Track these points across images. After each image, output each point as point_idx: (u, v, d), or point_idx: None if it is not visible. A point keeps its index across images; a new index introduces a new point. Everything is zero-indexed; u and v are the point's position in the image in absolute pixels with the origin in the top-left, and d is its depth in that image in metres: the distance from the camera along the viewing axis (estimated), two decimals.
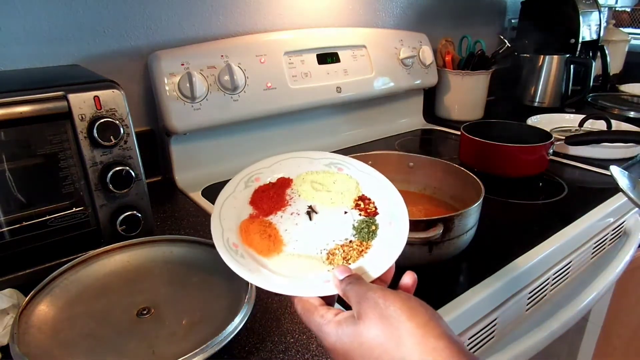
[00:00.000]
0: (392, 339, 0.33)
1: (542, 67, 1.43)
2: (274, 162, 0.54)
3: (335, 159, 0.54)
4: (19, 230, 0.54)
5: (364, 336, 0.34)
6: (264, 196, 0.51)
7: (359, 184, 0.52)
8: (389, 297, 0.35)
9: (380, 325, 0.33)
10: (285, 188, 0.52)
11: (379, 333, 0.33)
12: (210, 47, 0.87)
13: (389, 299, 0.34)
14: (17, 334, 0.43)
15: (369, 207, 0.49)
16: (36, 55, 0.76)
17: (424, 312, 0.34)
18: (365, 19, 1.18)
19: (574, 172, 0.98)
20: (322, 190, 0.51)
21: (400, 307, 0.34)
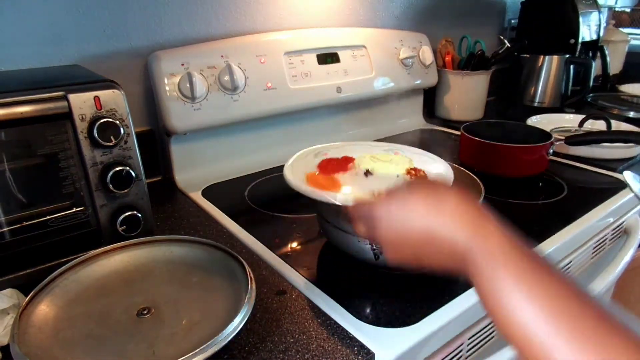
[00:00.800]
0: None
1: (542, 67, 1.43)
2: (340, 145, 0.67)
3: (392, 146, 0.67)
4: (19, 230, 0.54)
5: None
6: (329, 163, 0.61)
7: (413, 160, 0.62)
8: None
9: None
10: (348, 162, 0.61)
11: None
12: (210, 47, 0.87)
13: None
14: (17, 333, 0.43)
15: (419, 173, 0.59)
16: (36, 55, 0.76)
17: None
18: (365, 19, 1.18)
19: (574, 172, 0.98)
20: (379, 162, 0.61)
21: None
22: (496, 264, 0.34)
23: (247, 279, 0.49)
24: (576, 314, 0.30)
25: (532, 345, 0.31)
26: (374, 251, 0.58)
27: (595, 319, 0.30)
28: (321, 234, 0.70)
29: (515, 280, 0.32)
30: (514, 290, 0.32)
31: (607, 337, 0.29)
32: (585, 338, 0.29)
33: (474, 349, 0.62)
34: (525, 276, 0.33)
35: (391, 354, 0.48)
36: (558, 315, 0.30)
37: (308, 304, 0.55)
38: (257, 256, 0.65)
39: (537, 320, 0.31)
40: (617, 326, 0.29)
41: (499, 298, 0.33)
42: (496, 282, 0.33)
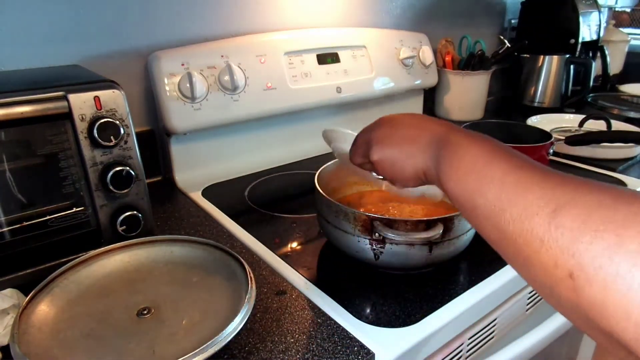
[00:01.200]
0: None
1: (542, 67, 1.43)
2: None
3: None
4: (19, 230, 0.54)
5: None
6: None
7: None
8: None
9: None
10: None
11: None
12: (210, 47, 0.87)
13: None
14: (17, 333, 0.43)
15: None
16: (36, 55, 0.76)
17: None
18: (365, 19, 1.18)
19: (574, 172, 0.97)
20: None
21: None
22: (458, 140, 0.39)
23: (247, 279, 0.49)
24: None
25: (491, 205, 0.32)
26: (374, 251, 0.58)
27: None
28: (321, 234, 0.71)
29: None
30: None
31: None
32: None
33: (474, 349, 0.62)
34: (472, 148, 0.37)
35: (391, 354, 0.48)
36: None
37: (308, 304, 0.55)
38: (257, 256, 0.65)
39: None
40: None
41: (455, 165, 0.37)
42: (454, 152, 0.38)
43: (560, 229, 0.26)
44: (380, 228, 0.54)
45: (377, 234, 0.55)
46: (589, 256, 0.24)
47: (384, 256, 0.57)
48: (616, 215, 0.24)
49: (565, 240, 0.26)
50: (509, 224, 0.30)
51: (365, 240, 0.57)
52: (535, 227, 0.28)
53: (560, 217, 0.26)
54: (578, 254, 0.25)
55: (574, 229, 0.25)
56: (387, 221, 0.55)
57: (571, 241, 0.25)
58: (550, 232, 0.27)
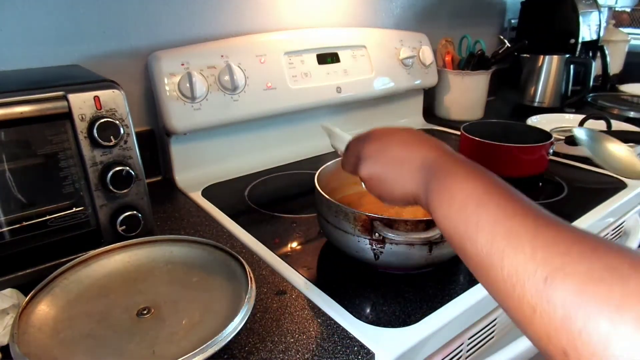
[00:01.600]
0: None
1: (542, 67, 1.43)
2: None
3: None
4: (19, 230, 0.54)
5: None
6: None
7: None
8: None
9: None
10: None
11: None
12: (210, 47, 0.87)
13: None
14: (17, 333, 0.43)
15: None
16: (36, 55, 0.76)
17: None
18: (365, 19, 1.18)
19: (574, 172, 0.98)
20: None
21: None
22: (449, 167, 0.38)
23: (247, 279, 0.49)
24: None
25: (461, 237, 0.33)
26: (373, 251, 0.58)
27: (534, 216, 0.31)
28: (321, 234, 0.71)
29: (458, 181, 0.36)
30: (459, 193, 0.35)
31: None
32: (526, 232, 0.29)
33: (474, 349, 0.62)
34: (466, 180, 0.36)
35: (391, 354, 0.48)
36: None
37: (308, 304, 0.55)
38: (257, 256, 0.65)
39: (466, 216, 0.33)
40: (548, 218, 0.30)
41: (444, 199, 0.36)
42: (443, 184, 0.37)
43: (552, 304, 0.25)
44: (380, 228, 0.54)
45: (377, 234, 0.55)
46: (582, 342, 0.23)
47: (384, 256, 0.57)
48: (611, 295, 0.23)
49: (557, 317, 0.25)
50: (500, 281, 0.29)
51: (365, 240, 0.57)
52: (527, 294, 0.27)
53: (553, 289, 0.25)
54: (571, 337, 0.24)
55: (566, 307, 0.24)
56: (387, 221, 0.55)
57: (563, 320, 0.24)
58: (543, 304, 0.25)
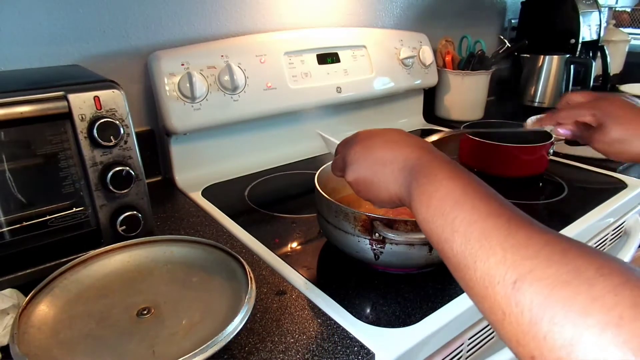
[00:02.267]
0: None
1: (542, 67, 1.43)
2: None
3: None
4: (19, 230, 0.54)
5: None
6: None
7: None
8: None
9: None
10: None
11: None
12: (210, 47, 0.87)
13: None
14: (17, 334, 0.43)
15: None
16: (36, 55, 0.76)
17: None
18: (365, 19, 1.18)
19: (574, 172, 0.98)
20: None
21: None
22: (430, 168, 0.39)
23: (247, 279, 0.49)
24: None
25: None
26: (373, 251, 0.58)
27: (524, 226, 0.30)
28: (321, 234, 0.71)
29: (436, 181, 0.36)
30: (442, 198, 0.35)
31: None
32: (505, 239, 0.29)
33: (474, 349, 0.62)
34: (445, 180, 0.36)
35: (391, 354, 0.48)
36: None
37: (308, 304, 0.55)
38: (257, 256, 0.65)
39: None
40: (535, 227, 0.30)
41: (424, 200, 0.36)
42: (423, 185, 0.37)
43: (520, 307, 0.25)
44: (380, 228, 0.54)
45: (377, 234, 0.55)
46: (547, 347, 0.24)
47: (384, 256, 0.57)
48: (576, 299, 0.23)
49: (525, 321, 0.25)
50: (474, 283, 0.29)
51: (365, 240, 0.57)
52: (497, 296, 0.27)
53: (521, 293, 0.26)
54: (537, 341, 0.24)
55: (532, 311, 0.25)
56: (387, 221, 0.55)
57: (530, 324, 0.25)
58: (512, 307, 0.26)
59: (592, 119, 0.57)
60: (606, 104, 0.56)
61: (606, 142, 0.56)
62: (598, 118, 0.56)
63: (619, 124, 0.55)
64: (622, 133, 0.54)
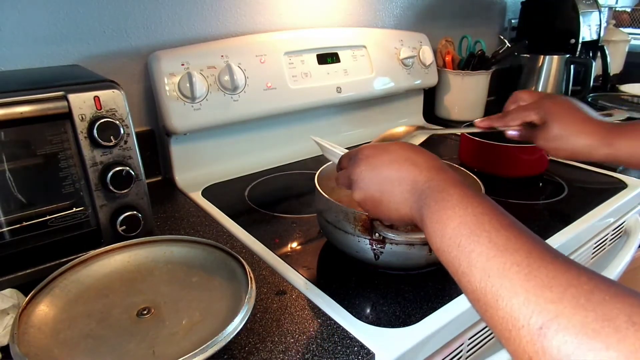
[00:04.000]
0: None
1: (542, 67, 1.43)
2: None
3: None
4: (19, 230, 0.54)
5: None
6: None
7: None
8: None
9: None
10: None
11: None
12: (210, 47, 0.87)
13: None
14: (17, 334, 0.43)
15: None
16: (36, 55, 0.76)
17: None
18: (365, 19, 1.18)
19: (574, 172, 0.98)
20: None
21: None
22: (442, 193, 0.38)
23: (247, 279, 0.49)
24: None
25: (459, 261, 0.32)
26: (374, 251, 0.58)
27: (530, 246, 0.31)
28: (321, 234, 0.70)
29: (452, 207, 0.36)
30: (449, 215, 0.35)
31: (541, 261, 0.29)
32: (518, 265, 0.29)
33: (474, 349, 0.62)
34: (461, 203, 0.35)
35: (391, 354, 0.48)
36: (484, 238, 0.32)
37: (308, 304, 0.55)
38: (257, 256, 0.65)
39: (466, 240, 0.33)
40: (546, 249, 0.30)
41: (439, 225, 0.36)
42: (437, 210, 0.37)
43: (547, 355, 0.25)
44: (380, 228, 0.54)
45: (377, 234, 0.55)
46: None
47: (384, 256, 0.57)
48: (608, 350, 0.23)
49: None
50: (497, 322, 0.28)
51: (365, 240, 0.57)
52: (523, 340, 0.26)
53: (547, 340, 0.25)
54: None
55: (560, 359, 0.24)
56: None
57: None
58: (538, 354, 0.25)
59: (536, 118, 0.60)
60: (550, 104, 0.60)
61: (546, 138, 0.59)
62: (542, 117, 0.60)
63: (559, 122, 0.58)
64: (561, 131, 0.58)
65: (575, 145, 0.57)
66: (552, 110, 0.59)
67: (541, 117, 0.60)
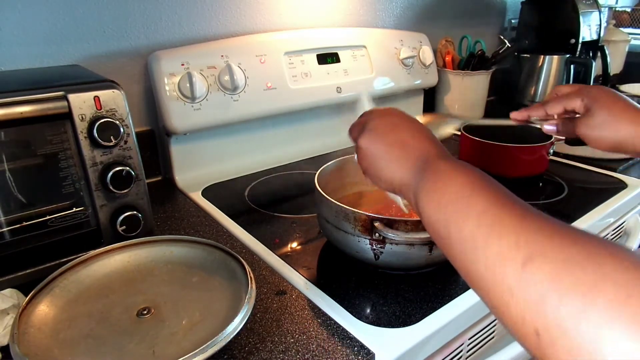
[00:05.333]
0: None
1: (542, 67, 1.43)
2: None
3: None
4: (19, 230, 0.54)
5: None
6: None
7: None
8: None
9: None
10: None
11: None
12: (210, 47, 0.87)
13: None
14: (17, 334, 0.43)
15: None
16: (36, 55, 0.76)
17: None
18: (365, 19, 1.18)
19: (574, 172, 0.98)
20: None
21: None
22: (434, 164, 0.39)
23: (247, 279, 0.49)
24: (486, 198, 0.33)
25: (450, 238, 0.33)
26: (373, 251, 0.58)
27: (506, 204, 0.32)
28: (321, 234, 0.71)
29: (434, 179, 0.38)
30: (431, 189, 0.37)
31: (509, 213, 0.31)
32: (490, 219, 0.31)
33: (474, 349, 0.62)
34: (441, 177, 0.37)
35: (391, 354, 0.48)
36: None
37: (308, 304, 0.55)
38: (257, 256, 0.65)
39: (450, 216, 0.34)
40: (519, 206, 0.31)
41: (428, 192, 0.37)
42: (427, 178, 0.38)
43: (529, 284, 0.26)
44: (380, 228, 0.54)
45: (377, 234, 0.55)
46: (554, 319, 0.24)
47: (384, 256, 0.57)
48: (585, 277, 0.24)
49: (532, 296, 0.25)
50: (482, 266, 0.29)
51: (365, 240, 0.57)
52: (506, 276, 0.27)
53: (530, 271, 0.26)
54: (544, 314, 0.24)
55: (542, 286, 0.25)
56: (387, 221, 0.55)
57: (539, 299, 0.25)
58: (520, 285, 0.26)
59: (580, 104, 0.58)
60: (593, 91, 0.58)
61: (591, 126, 0.57)
62: (585, 103, 0.58)
63: (604, 108, 0.56)
64: (605, 117, 0.56)
65: (619, 133, 0.55)
66: (596, 97, 0.57)
67: (585, 103, 0.58)
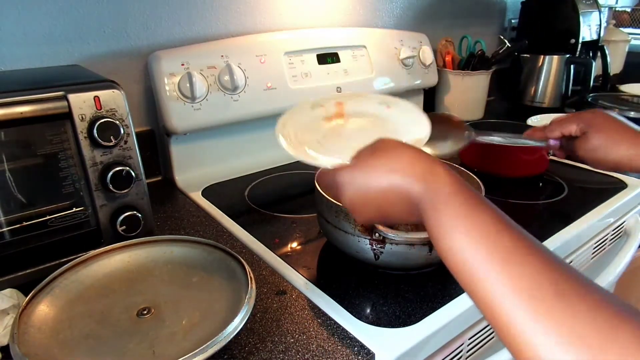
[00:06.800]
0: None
1: (542, 67, 1.43)
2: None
3: (389, 99, 0.63)
4: (19, 230, 0.54)
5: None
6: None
7: (396, 121, 0.59)
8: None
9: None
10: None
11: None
12: (210, 47, 0.87)
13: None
14: (17, 334, 0.43)
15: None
16: (36, 55, 0.76)
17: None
18: (365, 19, 1.18)
19: (574, 172, 0.98)
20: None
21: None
22: (439, 203, 0.37)
23: (247, 279, 0.49)
24: (507, 245, 0.34)
25: (471, 274, 0.34)
26: (374, 251, 0.58)
27: (524, 247, 0.34)
28: (321, 234, 0.71)
29: (455, 217, 0.36)
30: (453, 225, 0.36)
31: (528, 258, 0.33)
32: (513, 264, 0.32)
33: (474, 349, 0.62)
34: (464, 213, 0.36)
35: (391, 354, 0.48)
36: (491, 247, 0.34)
37: (308, 304, 0.55)
38: (257, 256, 0.65)
39: (473, 254, 0.34)
40: (540, 252, 0.34)
41: (442, 234, 0.36)
42: (439, 219, 0.37)
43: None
44: (380, 228, 0.54)
45: (377, 234, 0.55)
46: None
47: (384, 256, 0.57)
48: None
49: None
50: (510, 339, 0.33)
51: (365, 240, 0.57)
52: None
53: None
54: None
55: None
56: None
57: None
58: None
59: (576, 128, 0.62)
60: (589, 116, 0.62)
61: (587, 149, 0.61)
62: (581, 127, 0.61)
63: (599, 132, 0.59)
64: (601, 141, 0.59)
65: (617, 155, 0.58)
66: (591, 121, 0.61)
67: (581, 128, 0.61)
